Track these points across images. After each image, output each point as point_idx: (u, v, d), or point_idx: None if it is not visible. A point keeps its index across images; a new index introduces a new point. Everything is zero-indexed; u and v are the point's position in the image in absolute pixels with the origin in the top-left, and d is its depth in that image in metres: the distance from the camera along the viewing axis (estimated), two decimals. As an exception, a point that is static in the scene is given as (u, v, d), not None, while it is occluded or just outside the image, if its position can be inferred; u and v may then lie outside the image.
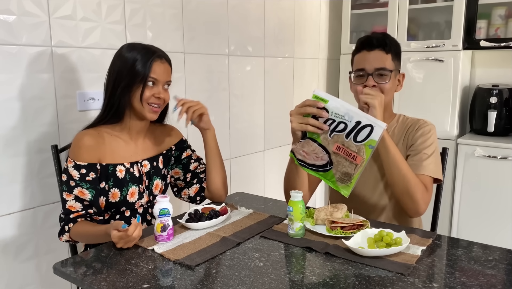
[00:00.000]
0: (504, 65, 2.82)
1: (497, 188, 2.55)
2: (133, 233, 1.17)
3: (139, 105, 1.39)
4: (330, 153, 1.29)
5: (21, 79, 1.55)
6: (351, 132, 1.24)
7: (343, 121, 1.25)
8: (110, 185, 1.41)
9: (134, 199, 1.45)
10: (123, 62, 1.38)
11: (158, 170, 1.53)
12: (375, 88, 1.45)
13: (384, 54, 1.46)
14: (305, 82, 3.06)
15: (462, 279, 1.02)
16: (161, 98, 1.41)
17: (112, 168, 1.41)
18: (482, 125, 2.72)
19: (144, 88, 1.37)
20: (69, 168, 1.36)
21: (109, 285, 1.01)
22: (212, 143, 1.59)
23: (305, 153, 1.33)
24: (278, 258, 1.15)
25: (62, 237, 1.36)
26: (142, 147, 1.50)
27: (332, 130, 1.27)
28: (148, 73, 1.36)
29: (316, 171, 1.33)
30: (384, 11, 2.92)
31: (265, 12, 2.61)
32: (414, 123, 1.53)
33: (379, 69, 1.46)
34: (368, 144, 1.22)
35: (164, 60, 1.41)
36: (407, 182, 1.36)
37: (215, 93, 2.35)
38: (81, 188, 1.35)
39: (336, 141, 1.27)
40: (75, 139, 1.39)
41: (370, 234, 1.21)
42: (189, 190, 1.63)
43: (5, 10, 1.48)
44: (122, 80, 1.37)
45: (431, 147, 1.45)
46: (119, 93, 1.38)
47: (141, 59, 1.36)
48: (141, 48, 1.40)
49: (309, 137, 1.32)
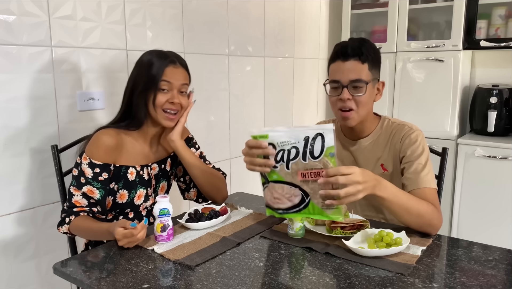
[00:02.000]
0: (504, 65, 2.82)
1: (497, 188, 2.55)
2: (138, 233, 1.17)
3: (154, 112, 1.39)
4: (299, 185, 1.17)
5: (21, 79, 1.55)
6: (305, 152, 1.14)
7: (293, 146, 1.15)
8: (120, 186, 1.41)
9: (140, 201, 1.46)
10: (140, 68, 1.40)
11: (165, 172, 1.54)
12: (351, 102, 1.38)
13: (359, 65, 1.37)
14: (305, 82, 3.06)
15: (462, 279, 1.02)
16: (176, 103, 1.40)
17: (124, 170, 1.41)
18: (482, 125, 2.73)
19: (156, 93, 1.37)
20: (83, 164, 1.35)
21: (109, 285, 1.01)
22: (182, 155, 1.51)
23: (277, 199, 1.22)
24: (278, 258, 1.15)
25: (60, 228, 1.35)
26: (154, 150, 1.51)
27: (287, 161, 1.17)
28: (161, 77, 1.36)
29: (298, 212, 1.21)
30: (384, 11, 2.93)
31: (265, 12, 2.61)
32: (398, 130, 1.45)
33: (354, 81, 1.37)
34: (328, 153, 1.12)
35: (178, 64, 1.41)
36: (422, 218, 1.26)
37: (215, 93, 2.35)
38: (92, 186, 1.35)
39: (298, 170, 1.16)
40: (95, 137, 1.37)
41: (370, 234, 1.21)
42: (189, 193, 1.64)
43: (5, 10, 1.48)
44: (138, 86, 1.39)
45: (423, 156, 1.39)
46: (136, 101, 1.39)
47: (155, 64, 1.38)
48: (157, 53, 1.41)
49: (271, 181, 1.22)
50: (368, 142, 1.49)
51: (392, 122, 1.50)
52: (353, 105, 1.40)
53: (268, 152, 1.19)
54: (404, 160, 1.42)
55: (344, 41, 1.44)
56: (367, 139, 1.50)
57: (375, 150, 1.48)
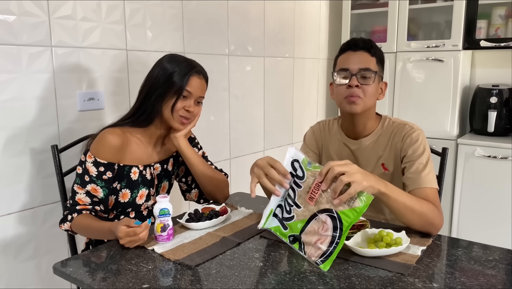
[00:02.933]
0: (504, 65, 2.82)
1: (497, 188, 2.55)
2: (141, 233, 1.18)
3: (169, 114, 1.41)
4: (318, 211, 1.13)
5: (21, 79, 1.55)
6: (296, 182, 1.17)
7: (288, 190, 1.19)
8: (123, 186, 1.42)
9: (142, 200, 1.47)
10: (162, 70, 1.41)
11: (167, 172, 1.55)
12: (359, 91, 1.39)
13: (369, 56, 1.42)
14: (305, 82, 3.06)
15: (462, 279, 1.02)
16: (191, 112, 1.43)
17: (128, 170, 1.42)
18: (482, 125, 2.72)
19: (177, 99, 1.39)
20: (87, 162, 1.37)
21: (109, 285, 1.01)
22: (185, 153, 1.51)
23: (318, 240, 1.11)
24: (278, 258, 1.15)
25: (62, 225, 1.36)
26: (157, 150, 1.52)
27: (294, 203, 1.17)
28: (185, 86, 1.39)
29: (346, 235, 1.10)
30: (384, 11, 2.93)
31: (265, 12, 2.61)
32: (399, 130, 1.46)
33: (363, 70, 1.40)
34: (305, 166, 1.16)
35: (202, 76, 1.44)
36: (424, 217, 1.26)
37: (215, 93, 2.35)
38: (96, 185, 1.36)
39: (304, 199, 1.15)
40: (101, 136, 1.39)
41: (370, 234, 1.21)
42: (190, 193, 1.65)
43: (5, 10, 1.48)
44: (158, 88, 1.40)
45: (424, 155, 1.39)
46: (153, 100, 1.40)
47: (179, 71, 1.39)
48: (182, 60, 1.43)
49: (301, 233, 1.15)
50: (369, 141, 1.49)
51: (393, 121, 1.50)
52: (360, 94, 1.41)
53: (284, 182, 1.19)
54: (405, 159, 1.42)
55: (354, 38, 1.48)
56: (368, 139, 1.50)
57: (376, 150, 1.48)
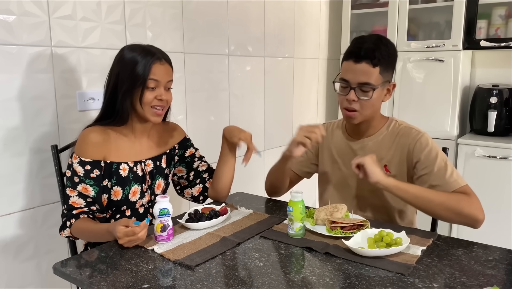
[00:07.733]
0: (504, 65, 2.82)
1: (497, 188, 2.55)
2: (140, 232, 1.17)
3: (141, 109, 1.39)
4: None
5: (21, 79, 1.55)
6: None
7: None
8: (113, 183, 1.41)
9: (136, 198, 1.45)
10: (123, 65, 1.37)
11: (161, 169, 1.53)
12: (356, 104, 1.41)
13: (370, 68, 1.37)
14: (305, 82, 3.06)
15: (462, 279, 1.02)
16: (164, 100, 1.40)
17: (116, 166, 1.41)
18: (482, 125, 2.72)
19: (144, 91, 1.36)
20: (73, 164, 1.36)
21: (109, 285, 1.01)
22: None
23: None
24: (278, 258, 1.15)
25: (63, 232, 1.36)
26: (147, 146, 1.50)
27: None
28: (147, 75, 1.35)
29: None
30: (384, 11, 2.93)
31: (265, 12, 2.61)
32: (405, 133, 1.45)
33: (362, 84, 1.38)
34: None
35: (164, 61, 1.40)
36: (447, 206, 1.28)
37: (215, 93, 2.35)
38: (85, 184, 1.36)
39: None
40: (81, 135, 1.39)
41: (370, 234, 1.21)
42: (192, 189, 1.63)
43: (5, 10, 1.48)
44: (123, 85, 1.37)
45: (439, 157, 1.38)
46: (121, 98, 1.37)
47: (140, 61, 1.35)
48: (141, 50, 1.38)
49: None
50: (372, 141, 1.49)
51: (399, 124, 1.50)
52: (357, 107, 1.41)
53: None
54: (419, 165, 1.40)
55: (361, 39, 1.44)
56: (370, 139, 1.50)
57: (378, 150, 1.48)
